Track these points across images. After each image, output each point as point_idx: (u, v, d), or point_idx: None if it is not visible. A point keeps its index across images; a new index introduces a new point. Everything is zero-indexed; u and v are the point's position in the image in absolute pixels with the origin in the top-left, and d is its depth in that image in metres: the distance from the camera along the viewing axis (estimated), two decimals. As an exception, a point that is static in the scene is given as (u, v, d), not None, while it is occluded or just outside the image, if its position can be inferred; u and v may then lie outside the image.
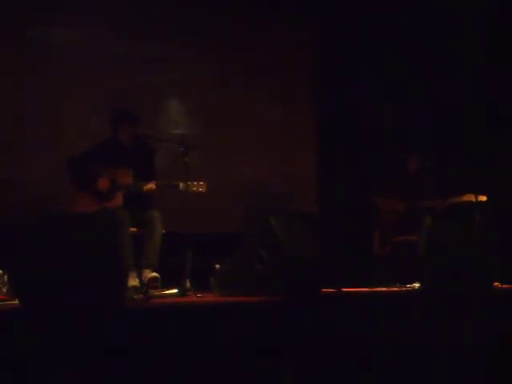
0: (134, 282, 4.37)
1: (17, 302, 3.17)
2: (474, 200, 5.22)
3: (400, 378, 3.09)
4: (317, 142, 6.62)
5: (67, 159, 4.64)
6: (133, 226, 4.50)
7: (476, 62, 6.12)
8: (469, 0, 5.97)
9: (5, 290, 3.96)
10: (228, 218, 5.83)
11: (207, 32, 6.10)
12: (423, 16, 6.18)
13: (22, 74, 5.31)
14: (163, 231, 4.57)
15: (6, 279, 3.91)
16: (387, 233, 5.52)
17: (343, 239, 5.56)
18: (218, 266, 4.46)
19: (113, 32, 5.72)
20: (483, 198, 5.21)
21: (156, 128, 5.53)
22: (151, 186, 4.52)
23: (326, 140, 6.55)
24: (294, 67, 6.55)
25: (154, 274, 4.43)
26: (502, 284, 4.64)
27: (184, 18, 6.04)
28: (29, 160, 5.24)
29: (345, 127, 6.48)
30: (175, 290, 4.37)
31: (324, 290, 4.16)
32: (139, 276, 4.45)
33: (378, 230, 5.58)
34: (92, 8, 5.60)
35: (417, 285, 4.82)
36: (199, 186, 4.59)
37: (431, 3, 6.12)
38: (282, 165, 6.27)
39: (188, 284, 4.37)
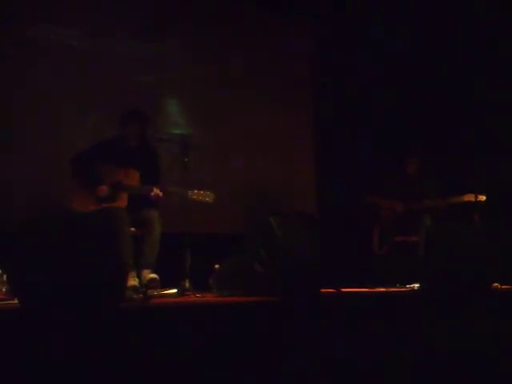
0: (133, 281, 4.37)
1: (16, 301, 3.17)
2: (473, 200, 5.22)
3: (400, 377, 3.09)
4: (316, 142, 6.63)
5: (73, 156, 4.62)
6: (132, 226, 4.50)
7: (477, 62, 6.13)
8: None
9: (4, 290, 3.96)
10: (227, 218, 5.83)
11: (207, 32, 6.11)
12: (423, 16, 6.18)
13: (22, 74, 5.31)
14: (162, 231, 4.56)
15: (5, 279, 3.91)
16: (387, 233, 5.53)
17: (343, 239, 5.55)
18: (217, 266, 4.46)
19: (113, 32, 5.73)
20: (483, 198, 5.21)
21: (156, 128, 5.53)
22: (158, 192, 4.50)
23: (325, 140, 6.55)
24: (293, 67, 6.56)
25: (153, 275, 4.42)
26: (501, 284, 4.64)
27: (184, 18, 6.05)
28: (28, 160, 5.24)
29: (344, 127, 6.49)
30: (174, 290, 4.37)
31: (323, 290, 4.15)
32: (139, 276, 4.45)
33: (378, 231, 5.58)
34: (92, 8, 5.60)
35: (416, 285, 4.81)
36: (206, 196, 4.54)
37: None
38: (281, 165, 6.28)
39: (187, 284, 4.37)
